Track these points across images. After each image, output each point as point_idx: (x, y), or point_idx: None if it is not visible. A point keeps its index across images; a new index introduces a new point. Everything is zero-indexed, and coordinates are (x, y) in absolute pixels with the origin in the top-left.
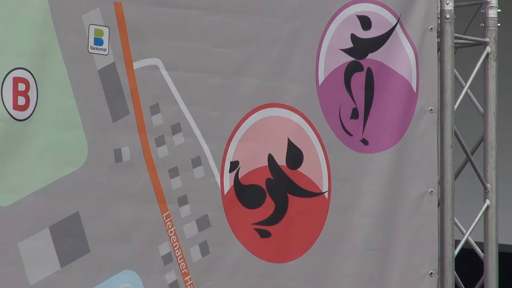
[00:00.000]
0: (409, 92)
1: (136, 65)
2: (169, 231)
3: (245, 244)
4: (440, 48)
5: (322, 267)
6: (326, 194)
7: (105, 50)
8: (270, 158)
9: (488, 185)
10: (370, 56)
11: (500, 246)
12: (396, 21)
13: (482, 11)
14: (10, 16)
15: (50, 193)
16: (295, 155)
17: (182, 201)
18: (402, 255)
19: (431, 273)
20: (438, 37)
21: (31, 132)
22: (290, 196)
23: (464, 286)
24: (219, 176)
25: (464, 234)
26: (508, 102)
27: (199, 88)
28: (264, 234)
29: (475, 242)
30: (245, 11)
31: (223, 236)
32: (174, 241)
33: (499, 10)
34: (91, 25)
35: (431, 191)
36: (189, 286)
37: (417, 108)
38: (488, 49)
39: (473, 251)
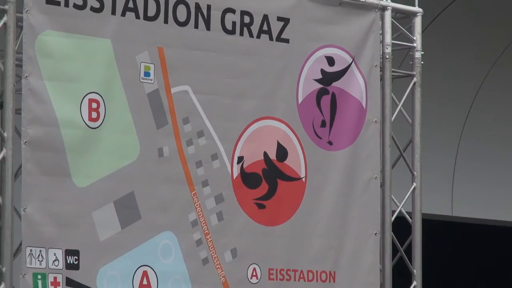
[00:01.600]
0: (361, 109)
1: (173, 90)
2: (195, 204)
3: (248, 213)
4: (382, 78)
5: (301, 229)
6: (303, 179)
7: (151, 80)
8: (265, 154)
9: (415, 173)
10: (334, 84)
11: (423, 214)
12: (352, 60)
13: (410, 53)
14: (87, 57)
15: (113, 178)
16: (282, 152)
17: (205, 183)
18: (356, 221)
19: (375, 233)
20: (380, 70)
21: (100, 136)
22: (279, 181)
23: (398, 242)
24: (230, 166)
25: (398, 206)
26: (428, 116)
27: (216, 106)
28: (261, 206)
29: (406, 212)
30: (248, 53)
31: (233, 208)
32: (199, 211)
33: (422, 53)
34: (141, 63)
35: (376, 177)
36: (209, 242)
37: (366, 120)
38: (415, 79)
39: (404, 218)
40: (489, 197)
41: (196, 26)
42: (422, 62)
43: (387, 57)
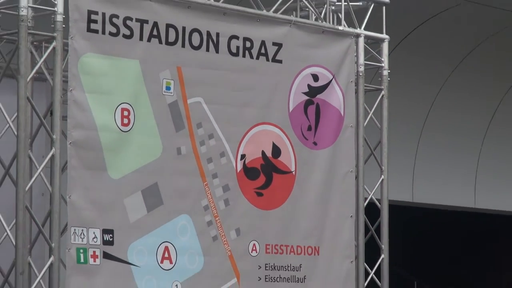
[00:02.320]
0: (339, 116)
1: (189, 101)
2: (207, 192)
3: (249, 199)
4: (357, 91)
5: (291, 213)
6: (293, 172)
7: (171, 93)
8: (263, 152)
9: (383, 167)
10: (318, 96)
11: (390, 200)
12: (332, 77)
13: (379, 71)
14: (119, 74)
15: (141, 172)
16: (276, 151)
17: (214, 176)
18: (335, 206)
19: (351, 216)
20: (355, 85)
21: (130, 138)
22: (274, 174)
23: (370, 223)
24: (234, 162)
25: (369, 194)
26: (393, 122)
27: (224, 114)
28: (259, 194)
29: (375, 198)
30: (249, 71)
31: (237, 196)
32: (210, 198)
33: (389, 71)
34: (164, 79)
35: (351, 170)
36: (218, 223)
37: (344, 125)
38: (383, 92)
39: (374, 203)
40: (442, 186)
41: (207, 50)
42: (389, 79)
43: (361, 74)
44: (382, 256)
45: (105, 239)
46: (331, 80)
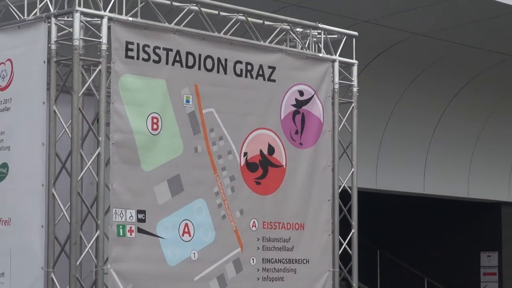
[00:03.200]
0: (320, 123)
1: (204, 111)
2: (217, 182)
3: (250, 187)
4: (333, 104)
5: (282, 197)
6: (284, 166)
7: (190, 105)
8: (261, 150)
9: (353, 162)
10: (303, 107)
11: (359, 188)
12: (314, 92)
13: (351, 88)
14: (150, 91)
15: (167, 166)
16: (271, 149)
17: (223, 169)
18: (316, 192)
19: (328, 200)
20: (332, 99)
21: (158, 140)
22: (269, 167)
23: (343, 205)
24: (239, 158)
25: (343, 183)
26: (360, 128)
27: (231, 121)
28: (258, 183)
29: (347, 186)
30: (250, 88)
31: (240, 184)
32: (220, 186)
33: (357, 87)
34: (184, 94)
35: (329, 165)
36: (226, 205)
37: (323, 130)
38: (353, 104)
39: (346, 190)
40: (398, 176)
41: (218, 71)
42: (358, 94)
43: (336, 90)
44: (353, 230)
45: (139, 217)
46: (313, 95)
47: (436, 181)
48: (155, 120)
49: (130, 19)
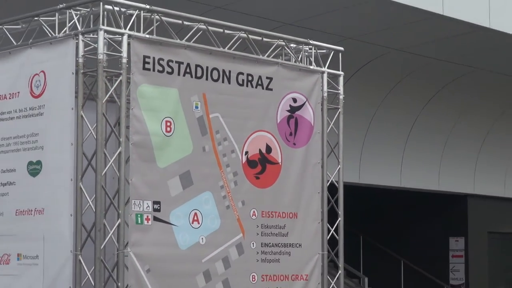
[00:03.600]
0: (311, 126)
1: (211, 116)
2: (222, 177)
3: (250, 181)
4: (322, 109)
5: (278, 190)
6: (280, 163)
7: (199, 110)
8: (260, 150)
9: (339, 160)
10: (296, 112)
11: (345, 182)
12: (306, 100)
13: (337, 96)
14: (164, 98)
15: (179, 163)
16: (269, 149)
17: (227, 166)
18: (308, 185)
19: (318, 192)
20: (321, 105)
21: (171, 141)
22: (267, 164)
23: (331, 197)
24: (241, 157)
25: (330, 177)
26: (346, 130)
27: (234, 124)
28: (257, 178)
29: (334, 180)
30: (251, 96)
31: (242, 179)
32: (224, 180)
33: (343, 95)
34: (193, 101)
35: (319, 162)
36: (230, 197)
37: (314, 132)
38: (339, 110)
39: (334, 184)
40: (378, 170)
41: (223, 81)
42: (344, 101)
43: (325, 98)
44: (339, 219)
45: (154, 207)
46: (305, 102)
47: (411, 176)
48: (168, 124)
49: (147, 36)
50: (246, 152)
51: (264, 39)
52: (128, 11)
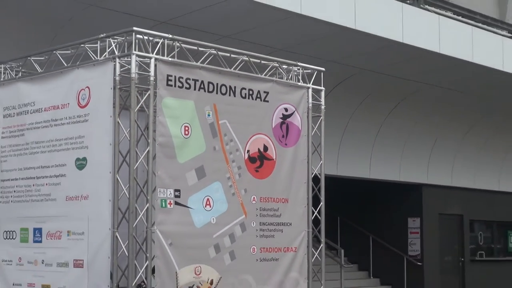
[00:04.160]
0: (299, 130)
1: (220, 122)
2: (229, 170)
3: (251, 173)
4: (307, 117)
5: (273, 180)
6: (275, 159)
7: (211, 118)
8: (258, 149)
9: (322, 157)
10: (287, 119)
11: (326, 174)
12: (295, 109)
13: (319, 107)
14: (183, 108)
15: (194, 159)
16: (266, 148)
17: (233, 161)
18: (297, 177)
19: (305, 182)
20: (307, 113)
21: (189, 142)
22: (264, 160)
23: (314, 186)
24: (243, 154)
25: (314, 171)
26: (326, 132)
27: (238, 129)
28: (257, 171)
29: (317, 173)
30: (252, 107)
31: (244, 172)
32: (230, 173)
33: (324, 106)
34: (206, 110)
35: (305, 158)
36: (235, 186)
37: (301, 135)
38: (321, 117)
39: (317, 176)
40: (355, 164)
41: (229, 95)
42: (325, 111)
43: (310, 108)
44: (321, 203)
45: (175, 194)
46: (294, 111)
47: (378, 169)
48: (186, 128)
49: (170, 59)
50: (248, 151)
51: (262, 62)
52: (155, 39)
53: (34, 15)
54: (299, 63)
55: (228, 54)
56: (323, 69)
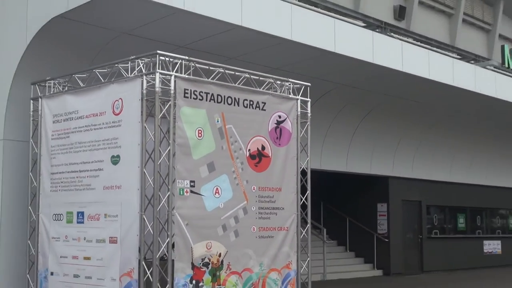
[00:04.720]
0: (289, 133)
1: (227, 127)
2: (234, 165)
3: (252, 168)
4: (297, 123)
5: (269, 173)
6: (270, 157)
7: (219, 123)
8: (257, 148)
9: (308, 154)
10: (281, 125)
11: (311, 168)
12: (287, 116)
13: (306, 114)
14: (197, 115)
15: (206, 156)
16: (263, 147)
17: (237, 158)
18: (288, 171)
19: (294, 175)
20: (296, 120)
21: (202, 142)
22: (262, 157)
23: (303, 178)
24: (245, 152)
25: (302, 165)
26: (312, 135)
27: (242, 132)
28: (256, 166)
29: (305, 167)
30: (252, 114)
31: (246, 166)
32: (235, 167)
33: (310, 113)
34: (216, 117)
35: (294, 155)
36: (239, 178)
37: (292, 137)
38: (308, 123)
39: (305, 170)
40: (336, 159)
41: (234, 105)
42: (311, 117)
43: (298, 115)
44: (308, 191)
45: (191, 184)
46: (286, 118)
47: (353, 164)
48: (199, 131)
49: (186, 76)
50: (249, 150)
51: (260, 78)
52: (175, 60)
53: (78, 41)
54: (290, 79)
55: (233, 72)
56: (309, 84)
